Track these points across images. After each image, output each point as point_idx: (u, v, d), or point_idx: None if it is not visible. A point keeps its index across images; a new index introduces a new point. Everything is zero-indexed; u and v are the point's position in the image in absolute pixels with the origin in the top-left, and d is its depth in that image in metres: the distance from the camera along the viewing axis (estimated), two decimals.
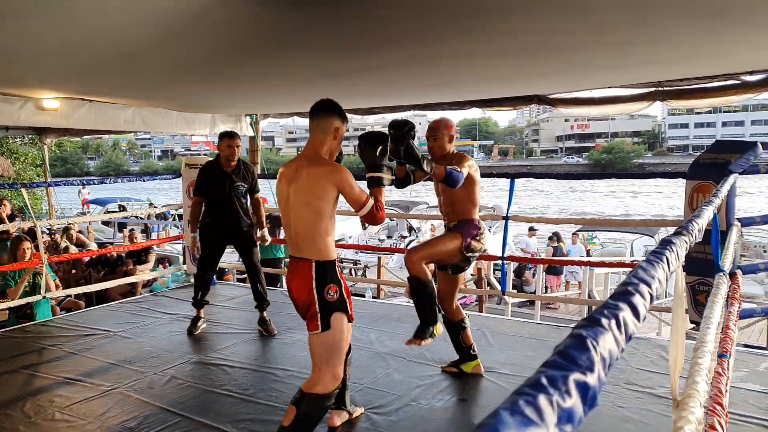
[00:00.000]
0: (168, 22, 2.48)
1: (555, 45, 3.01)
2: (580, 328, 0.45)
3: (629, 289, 0.56)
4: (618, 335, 0.47)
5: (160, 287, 7.08)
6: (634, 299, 0.54)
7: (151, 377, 3.71)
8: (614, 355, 0.45)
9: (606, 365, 0.42)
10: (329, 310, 2.51)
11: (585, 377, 0.38)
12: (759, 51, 3.39)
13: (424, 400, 3.30)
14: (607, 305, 0.51)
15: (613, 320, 0.47)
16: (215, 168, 4.52)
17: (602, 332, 0.45)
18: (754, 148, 3.46)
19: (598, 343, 0.43)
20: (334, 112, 2.60)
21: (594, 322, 0.46)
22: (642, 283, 0.59)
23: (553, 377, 0.36)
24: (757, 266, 4.05)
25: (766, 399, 3.20)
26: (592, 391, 0.38)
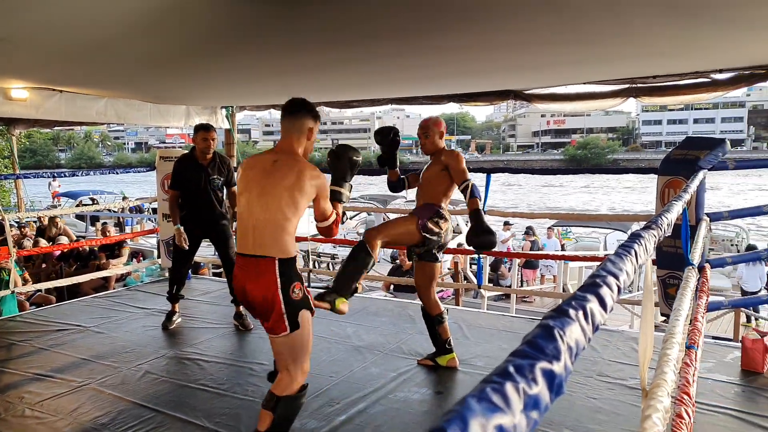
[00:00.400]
0: (142, 12, 2.45)
1: (529, 40, 3.04)
2: (548, 319, 0.46)
3: (597, 281, 0.58)
4: (585, 325, 0.48)
5: (134, 281, 6.99)
6: (601, 291, 0.56)
7: (125, 372, 3.67)
8: (581, 344, 0.46)
9: (572, 354, 0.43)
10: (296, 308, 2.40)
11: (551, 366, 0.39)
12: (728, 50, 3.47)
13: (401, 393, 3.32)
14: (576, 297, 0.52)
15: (580, 311, 0.49)
16: (191, 161, 4.47)
17: (569, 323, 0.46)
18: (722, 145, 3.54)
19: (564, 333, 0.44)
20: (309, 112, 2.59)
21: (562, 312, 0.47)
22: (610, 276, 0.60)
23: (520, 366, 0.37)
24: (724, 260, 4.15)
25: (732, 389, 3.29)
26: (558, 379, 0.40)
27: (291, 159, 2.49)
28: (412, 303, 5.42)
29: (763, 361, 3.48)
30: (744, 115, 77.94)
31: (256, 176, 2.47)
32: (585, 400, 3.18)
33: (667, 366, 1.24)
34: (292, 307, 2.38)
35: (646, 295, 1.11)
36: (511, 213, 6.10)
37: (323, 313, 4.86)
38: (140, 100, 5.76)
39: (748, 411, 3.01)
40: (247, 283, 2.41)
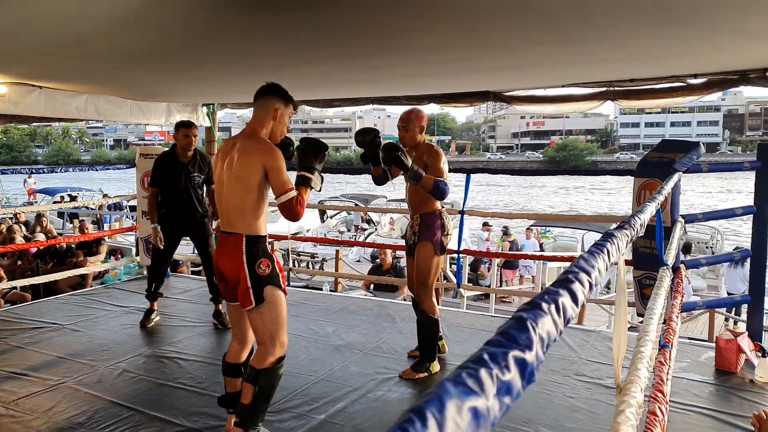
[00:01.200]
0: (123, 7, 2.43)
1: (506, 41, 3.08)
2: (522, 311, 0.48)
3: (570, 277, 0.60)
4: (557, 318, 0.50)
5: (112, 279, 6.92)
6: (573, 286, 0.58)
7: (102, 371, 3.64)
8: (552, 335, 0.48)
9: (544, 345, 0.45)
10: (261, 283, 2.51)
11: (524, 354, 0.41)
12: (702, 55, 3.54)
13: (380, 392, 3.34)
14: (548, 291, 0.55)
15: (552, 305, 0.51)
16: (171, 158, 4.45)
17: (542, 315, 0.48)
18: (696, 148, 3.62)
19: (537, 324, 0.46)
20: (276, 94, 2.65)
21: (535, 306, 0.50)
22: (582, 272, 0.63)
23: (494, 353, 0.39)
24: (698, 261, 4.24)
25: (706, 388, 3.36)
26: (530, 367, 0.42)
27: (248, 141, 2.56)
28: (392, 302, 5.45)
29: (737, 361, 3.56)
30: (719, 119, 79.55)
31: (219, 162, 2.61)
32: (563, 399, 3.23)
33: (640, 363, 1.28)
34: (257, 282, 2.50)
35: (620, 294, 1.14)
36: (491, 213, 6.15)
37: (301, 311, 4.88)
38: (121, 97, 5.70)
39: (722, 410, 3.08)
40: (220, 258, 2.60)
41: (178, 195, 4.43)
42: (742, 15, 2.56)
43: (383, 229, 15.20)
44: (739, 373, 3.53)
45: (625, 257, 4.39)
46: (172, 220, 4.46)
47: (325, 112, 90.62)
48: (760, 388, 3.34)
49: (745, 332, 3.74)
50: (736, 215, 3.95)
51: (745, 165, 3.86)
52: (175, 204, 4.44)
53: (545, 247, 12.80)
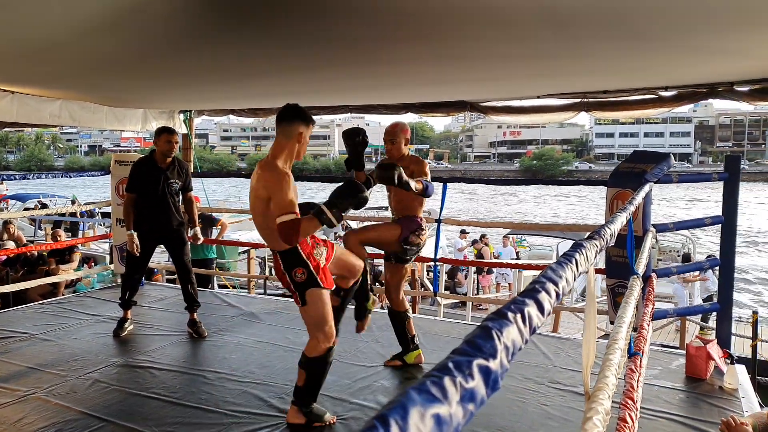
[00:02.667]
0: (99, 12, 2.41)
1: (483, 54, 3.13)
2: (488, 321, 0.50)
3: (537, 287, 0.62)
4: (522, 327, 0.52)
5: (85, 288, 6.80)
6: (540, 296, 0.60)
7: (73, 381, 3.57)
8: (517, 344, 0.50)
9: (509, 353, 0.47)
10: (302, 288, 2.87)
11: (488, 363, 0.42)
12: (671, 69, 3.64)
13: (357, 401, 3.33)
14: (515, 301, 0.56)
15: (518, 314, 0.53)
16: (150, 164, 4.41)
17: (507, 324, 0.50)
18: (667, 159, 3.71)
19: (502, 333, 0.47)
20: (298, 117, 2.83)
21: (501, 315, 0.51)
22: (549, 282, 0.65)
23: (458, 362, 0.40)
24: (669, 269, 4.32)
25: (677, 395, 3.42)
26: (494, 375, 0.43)
27: (264, 169, 2.80)
28: None
29: (707, 368, 3.62)
30: (691, 131, 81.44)
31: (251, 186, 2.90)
32: (537, 406, 3.25)
33: (608, 370, 1.30)
34: (298, 287, 2.88)
35: (589, 302, 1.17)
36: (467, 222, 6.20)
37: (278, 320, 4.85)
38: (96, 103, 5.63)
39: (691, 416, 3.13)
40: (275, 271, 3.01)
41: (155, 201, 4.38)
42: (705, 34, 2.64)
43: None
44: (709, 379, 3.59)
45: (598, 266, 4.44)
46: (148, 226, 4.40)
47: None
48: (728, 395, 3.41)
49: (714, 339, 3.82)
50: (705, 225, 4.04)
51: (713, 176, 3.96)
52: (152, 210, 4.39)
53: (521, 256, 12.93)
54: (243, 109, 6.42)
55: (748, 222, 28.71)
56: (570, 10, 2.27)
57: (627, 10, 2.27)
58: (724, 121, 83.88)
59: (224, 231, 7.48)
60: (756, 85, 3.98)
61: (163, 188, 4.39)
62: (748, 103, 4.19)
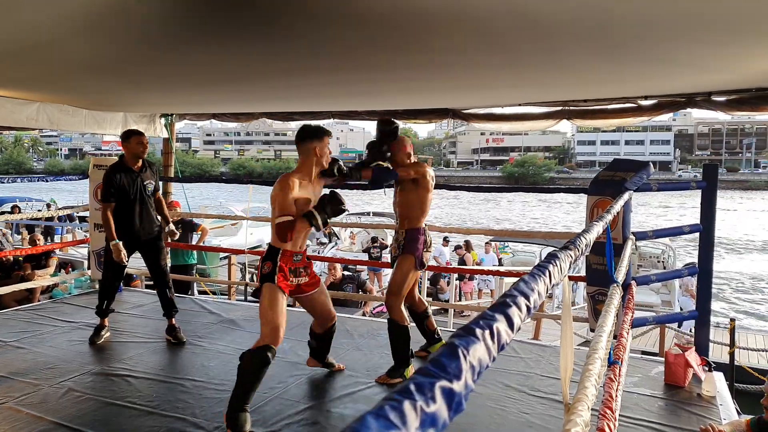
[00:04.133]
0: (78, 14, 2.37)
1: (466, 63, 3.14)
2: (455, 338, 0.48)
3: (507, 300, 0.60)
4: (490, 344, 0.51)
5: (61, 294, 6.67)
6: (510, 311, 0.58)
7: (46, 390, 3.49)
8: (484, 363, 0.48)
9: (475, 373, 0.45)
10: (262, 280, 3.14)
11: (451, 384, 0.41)
12: (650, 80, 3.68)
13: (337, 410, 3.30)
14: (484, 316, 0.55)
15: (486, 330, 0.51)
16: (123, 169, 4.34)
17: (474, 342, 0.48)
18: (646, 168, 3.74)
19: (468, 352, 0.46)
20: (311, 137, 3.18)
21: (469, 332, 0.50)
22: (521, 296, 0.63)
23: (420, 384, 0.39)
24: (649, 277, 4.35)
25: (656, 403, 3.43)
26: (458, 397, 0.41)
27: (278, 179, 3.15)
28: (349, 318, 5.41)
29: (685, 375, 3.64)
30: (671, 139, 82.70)
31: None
32: (517, 414, 3.25)
33: (588, 381, 1.30)
34: (261, 278, 3.15)
35: (565, 312, 1.16)
36: (448, 229, 6.21)
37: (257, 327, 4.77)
38: (75, 106, 5.55)
39: (670, 424, 3.15)
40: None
41: (133, 205, 4.33)
42: (681, 48, 2.68)
43: (343, 243, 15.14)
44: (687, 387, 3.62)
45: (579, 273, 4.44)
46: (127, 231, 4.34)
47: (287, 124, 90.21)
48: (707, 402, 3.43)
49: (692, 347, 3.85)
50: (683, 233, 4.08)
51: (691, 185, 4.00)
52: (130, 215, 4.33)
53: (504, 262, 12.97)
54: (226, 113, 6.38)
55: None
56: (551, 22, 2.28)
57: (606, 23, 2.29)
58: (702, 130, 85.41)
59: (205, 236, 7.40)
60: (733, 95, 4.04)
61: (139, 191, 4.36)
62: (725, 112, 4.25)
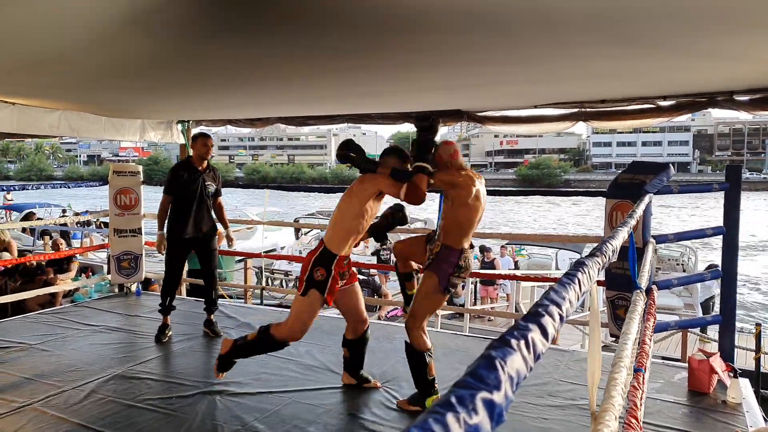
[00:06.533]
0: (99, 23, 2.41)
1: (480, 59, 3.11)
2: (491, 349, 0.48)
3: (540, 310, 0.60)
4: (526, 355, 0.51)
5: (82, 297, 6.77)
6: (543, 320, 0.58)
7: (69, 392, 3.53)
8: (522, 373, 0.48)
9: (513, 384, 0.45)
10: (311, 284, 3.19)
11: (492, 395, 0.41)
12: (669, 77, 3.61)
13: (354, 414, 3.30)
14: (518, 326, 0.55)
15: (522, 341, 0.51)
16: (188, 167, 4.63)
17: (511, 353, 0.48)
18: (666, 170, 3.69)
19: (506, 363, 0.46)
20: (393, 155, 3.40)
21: (504, 342, 0.50)
22: (553, 305, 0.63)
23: (461, 396, 0.39)
24: (670, 282, 4.28)
25: (679, 410, 3.37)
26: (499, 409, 0.41)
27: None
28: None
29: (709, 382, 3.56)
30: (689, 140, 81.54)
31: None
32: (537, 420, 3.22)
33: (614, 390, 1.28)
34: (310, 281, 3.19)
35: (593, 320, 1.15)
36: None
37: None
38: (94, 114, 5.63)
39: (695, 431, 3.10)
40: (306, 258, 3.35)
41: (193, 201, 4.56)
42: (701, 38, 2.63)
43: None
44: (712, 394, 3.54)
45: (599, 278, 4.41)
46: (179, 227, 4.54)
47: (300, 129, 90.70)
48: (732, 409, 3.36)
49: (717, 353, 3.78)
50: (706, 236, 4.02)
51: (714, 186, 3.94)
52: (189, 210, 4.55)
53: (520, 265, 12.88)
54: (240, 119, 6.43)
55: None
56: (565, 15, 2.26)
57: (621, 15, 2.26)
58: (722, 130, 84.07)
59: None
60: (756, 94, 3.94)
61: (201, 189, 4.59)
62: (748, 112, 4.16)
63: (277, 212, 20.70)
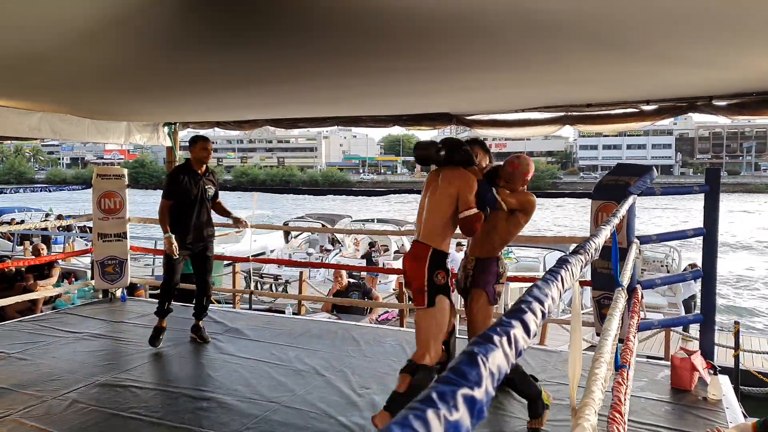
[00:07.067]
0: (82, 23, 2.38)
1: (466, 64, 3.14)
2: (473, 345, 0.48)
3: (522, 307, 0.60)
4: (508, 351, 0.50)
5: (65, 304, 6.67)
6: (526, 317, 0.58)
7: (50, 402, 3.47)
8: (503, 369, 0.48)
9: (494, 379, 0.45)
10: (436, 291, 2.96)
11: (472, 392, 0.41)
12: (652, 80, 3.67)
13: (343, 418, 3.28)
14: (501, 323, 0.55)
15: (504, 337, 0.51)
16: (187, 170, 4.56)
17: (493, 349, 0.48)
18: (650, 172, 3.73)
19: (488, 359, 0.46)
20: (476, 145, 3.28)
21: (486, 339, 0.49)
22: (535, 301, 0.63)
23: (442, 392, 0.38)
24: (654, 281, 4.34)
25: (662, 407, 3.42)
26: (479, 405, 0.41)
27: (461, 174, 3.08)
28: (356, 325, 5.41)
29: (691, 379, 3.63)
30: (672, 143, 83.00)
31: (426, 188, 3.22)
32: (525, 419, 3.23)
33: (594, 385, 1.29)
34: (432, 288, 2.96)
35: (574, 317, 1.16)
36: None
37: (263, 335, 4.79)
38: (78, 116, 5.56)
39: (677, 428, 3.14)
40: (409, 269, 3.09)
41: (193, 205, 4.50)
42: (683, 45, 2.68)
43: (348, 250, 15.12)
44: (694, 391, 3.60)
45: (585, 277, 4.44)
46: (180, 231, 4.47)
47: (290, 131, 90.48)
48: (713, 406, 3.42)
49: (698, 351, 3.83)
50: (687, 237, 4.07)
51: (694, 188, 3.99)
52: (187, 215, 4.49)
53: (508, 268, 12.91)
54: (228, 121, 6.39)
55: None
56: (551, 21, 2.28)
57: (606, 22, 2.30)
58: (703, 134, 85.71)
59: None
60: (734, 99, 4.04)
61: (200, 193, 4.54)
62: (726, 117, 4.25)
63: (267, 215, 20.63)
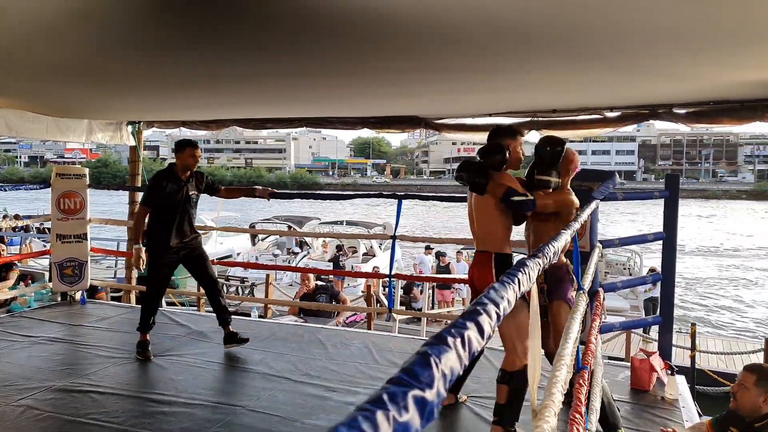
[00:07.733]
0: (40, 18, 2.32)
1: (435, 68, 3.17)
2: (427, 346, 0.48)
3: (478, 309, 0.61)
4: (461, 352, 0.51)
5: (20, 307, 6.47)
6: (480, 319, 0.59)
7: (2, 409, 3.35)
8: (455, 371, 0.49)
9: (447, 381, 0.46)
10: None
11: (424, 393, 0.41)
12: (615, 88, 3.77)
13: (309, 421, 3.27)
14: (456, 324, 0.55)
15: (458, 338, 0.51)
16: (170, 176, 4.29)
17: (446, 350, 0.48)
18: (612, 178, 3.82)
19: (440, 360, 0.46)
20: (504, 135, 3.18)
21: (440, 340, 0.50)
22: (491, 303, 0.64)
23: (393, 393, 0.39)
24: (615, 284, 4.44)
25: (622, 407, 3.49)
26: (430, 406, 0.42)
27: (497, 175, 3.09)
28: (323, 328, 5.38)
29: (650, 380, 3.73)
30: (635, 149, 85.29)
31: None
32: (490, 423, 3.25)
33: (555, 387, 1.31)
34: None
35: (533, 319, 1.17)
36: (422, 238, 6.23)
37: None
38: (36, 113, 5.40)
39: (635, 428, 3.21)
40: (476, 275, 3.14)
41: (174, 213, 4.26)
42: (643, 57, 2.77)
43: (316, 252, 15.06)
44: (652, 391, 3.70)
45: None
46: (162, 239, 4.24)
47: (258, 132, 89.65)
48: (670, 405, 3.51)
49: (656, 351, 3.94)
50: (647, 241, 4.17)
51: (655, 194, 4.10)
52: (169, 222, 4.25)
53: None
54: (195, 121, 6.30)
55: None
56: (519, 29, 2.33)
57: (571, 32, 2.35)
58: (664, 141, 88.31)
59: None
60: (692, 108, 4.19)
61: (184, 199, 4.30)
62: (685, 124, 4.40)
63: (233, 217, 20.37)
